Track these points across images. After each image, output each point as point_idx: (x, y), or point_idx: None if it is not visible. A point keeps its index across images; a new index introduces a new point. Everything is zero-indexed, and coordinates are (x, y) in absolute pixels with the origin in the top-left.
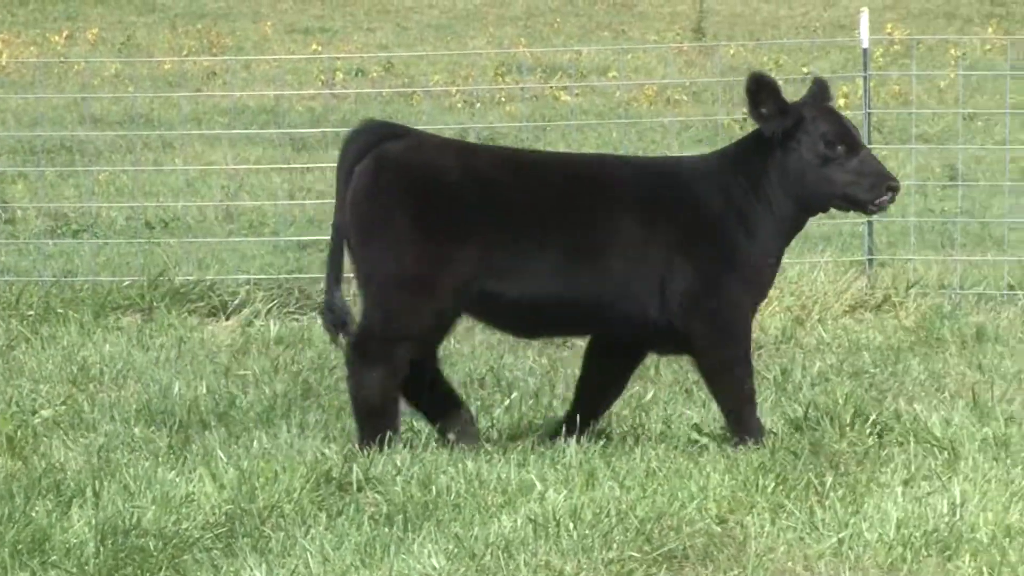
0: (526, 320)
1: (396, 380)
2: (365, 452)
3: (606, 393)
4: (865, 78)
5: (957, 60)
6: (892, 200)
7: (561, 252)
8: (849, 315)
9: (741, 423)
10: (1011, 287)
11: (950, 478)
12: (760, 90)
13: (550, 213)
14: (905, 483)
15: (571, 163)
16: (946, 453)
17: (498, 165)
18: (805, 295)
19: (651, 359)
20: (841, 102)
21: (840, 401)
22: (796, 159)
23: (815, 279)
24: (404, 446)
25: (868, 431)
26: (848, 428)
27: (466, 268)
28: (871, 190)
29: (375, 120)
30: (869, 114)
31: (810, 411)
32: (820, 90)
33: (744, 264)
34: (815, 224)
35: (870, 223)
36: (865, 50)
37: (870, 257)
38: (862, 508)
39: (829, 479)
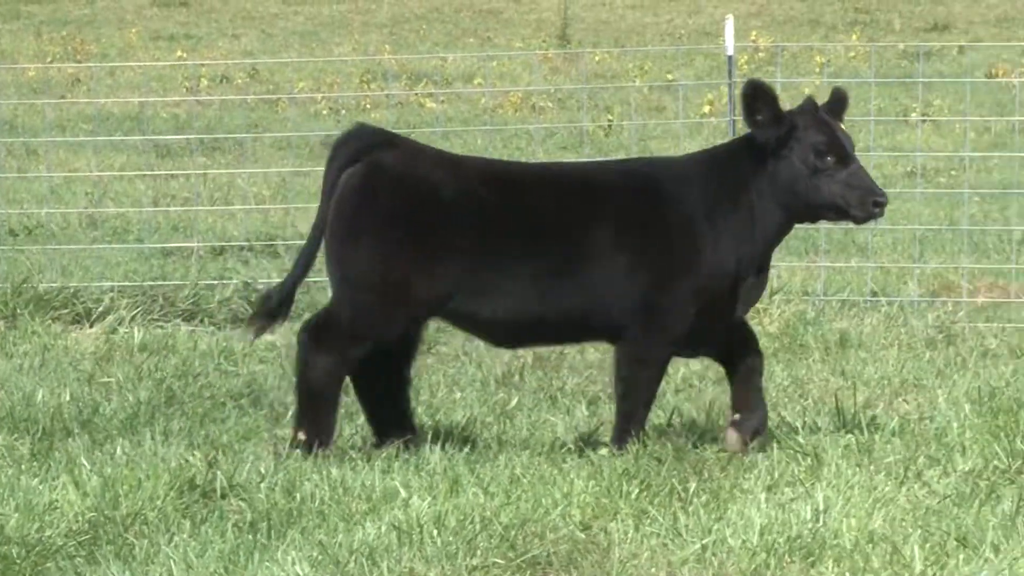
0: (506, 332)
1: (344, 372)
2: (301, 435)
3: None
4: (730, 85)
5: (822, 67)
6: (880, 214)
7: (543, 266)
8: None
9: (629, 421)
10: (874, 293)
11: (813, 484)
12: (756, 97)
13: (533, 228)
14: (768, 489)
15: (557, 174)
16: (809, 459)
17: (489, 181)
18: None
19: (514, 365)
20: (706, 109)
21: (705, 407)
22: (786, 167)
23: None
24: (268, 452)
25: None
26: (712, 434)
27: (446, 283)
28: (858, 203)
29: (367, 125)
30: (734, 121)
31: (674, 417)
32: (836, 101)
33: (702, 268)
34: None
35: None
36: (730, 57)
37: None
38: (725, 514)
39: (693, 485)
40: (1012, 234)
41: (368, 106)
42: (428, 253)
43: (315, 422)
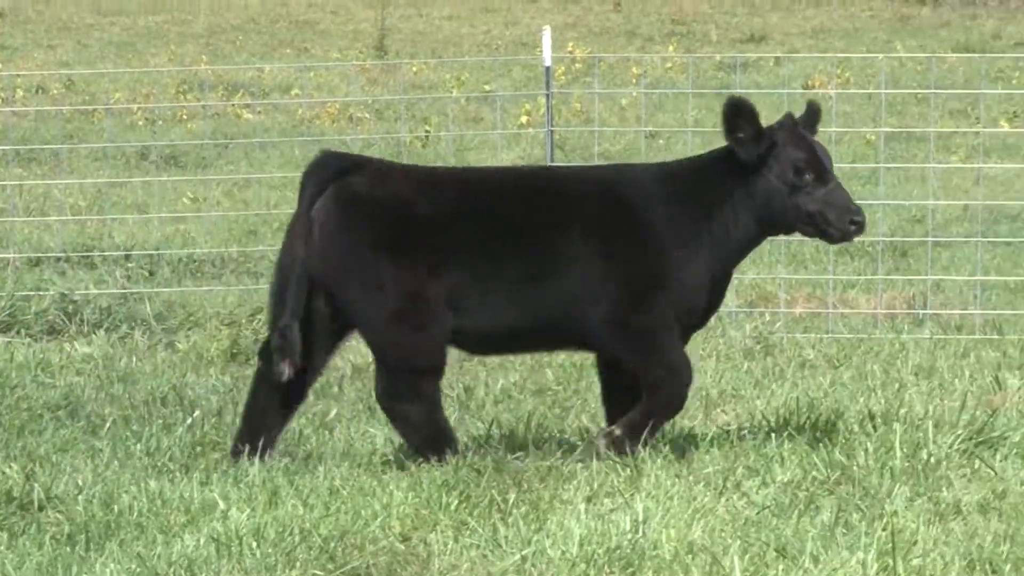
0: (486, 341)
1: (437, 408)
2: (434, 460)
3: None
4: (548, 96)
5: (638, 78)
6: (858, 233)
7: (524, 273)
8: None
9: (632, 431)
10: None
11: (633, 495)
12: (737, 114)
13: (510, 234)
14: (588, 500)
15: (524, 178)
16: (628, 470)
17: (460, 189)
18: None
19: (332, 376)
20: (524, 119)
21: (523, 418)
22: (765, 183)
23: None
24: (86, 464)
25: (551, 448)
26: (531, 445)
27: (447, 294)
28: (836, 221)
29: (331, 152)
30: (551, 132)
31: (493, 428)
32: (810, 114)
33: (677, 281)
34: None
35: None
36: (547, 68)
37: None
38: (545, 525)
39: (512, 496)
40: (829, 244)
41: (184, 117)
42: (424, 268)
43: (439, 453)
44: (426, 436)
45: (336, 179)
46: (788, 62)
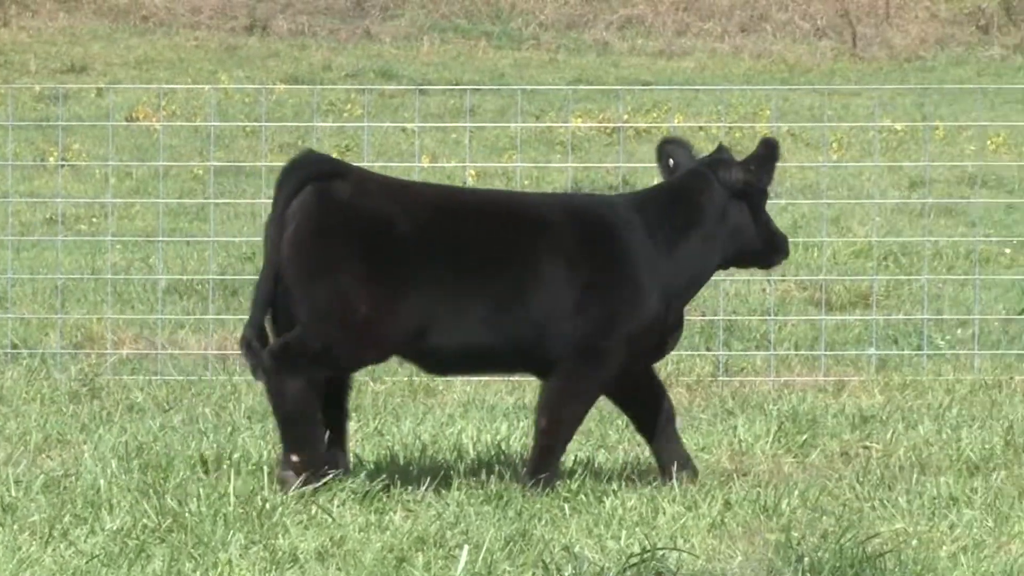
0: (445, 361)
1: (316, 391)
2: (294, 458)
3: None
4: None
5: None
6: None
7: (491, 296)
8: None
9: (549, 455)
10: (15, 345)
11: None
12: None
13: (482, 257)
14: None
15: (506, 203)
16: None
17: (440, 208)
18: None
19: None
20: None
21: None
22: (742, 213)
23: None
24: None
25: None
26: None
27: (410, 314)
28: (783, 250)
29: (313, 152)
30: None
31: None
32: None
33: (645, 309)
34: None
35: None
36: None
37: None
38: None
39: None
40: (157, 283)
41: None
42: (388, 286)
43: (302, 442)
44: (296, 414)
45: (315, 181)
46: (111, 93)
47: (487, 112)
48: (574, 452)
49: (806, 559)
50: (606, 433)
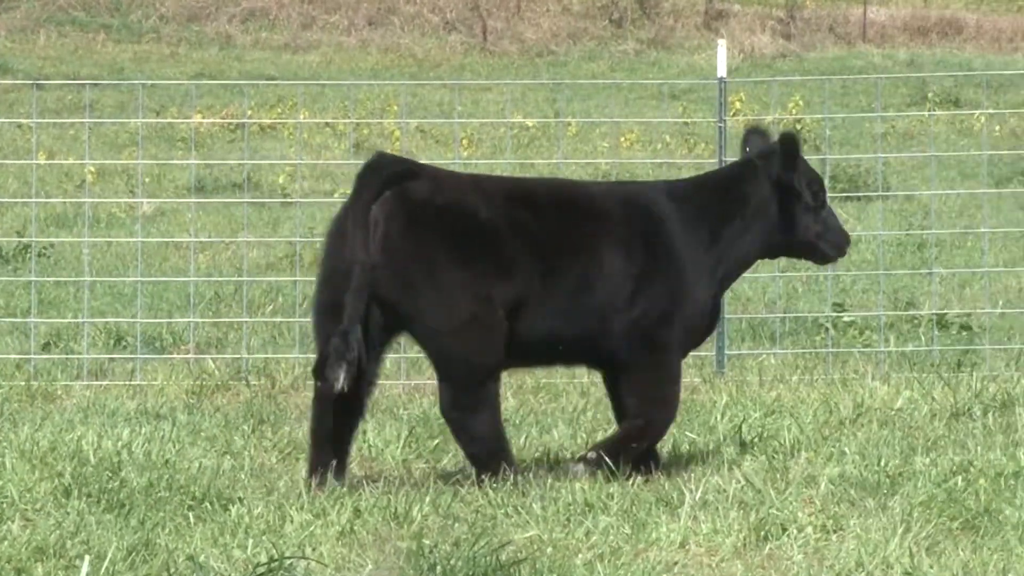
0: (532, 351)
1: (498, 414)
2: (498, 484)
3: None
4: None
5: None
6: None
7: (572, 283)
8: None
9: (611, 454)
10: None
11: None
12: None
13: (562, 245)
14: None
15: (571, 191)
16: None
17: (514, 198)
18: None
19: None
20: None
21: None
22: (791, 203)
23: None
24: None
25: None
26: None
27: (504, 299)
28: (836, 244)
29: (386, 155)
30: None
31: None
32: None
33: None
34: None
35: None
36: None
37: None
38: None
39: None
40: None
41: None
42: (490, 274)
43: (499, 467)
44: (490, 449)
45: (393, 183)
46: None
47: (106, 107)
48: (199, 459)
49: (438, 567)
50: (231, 439)
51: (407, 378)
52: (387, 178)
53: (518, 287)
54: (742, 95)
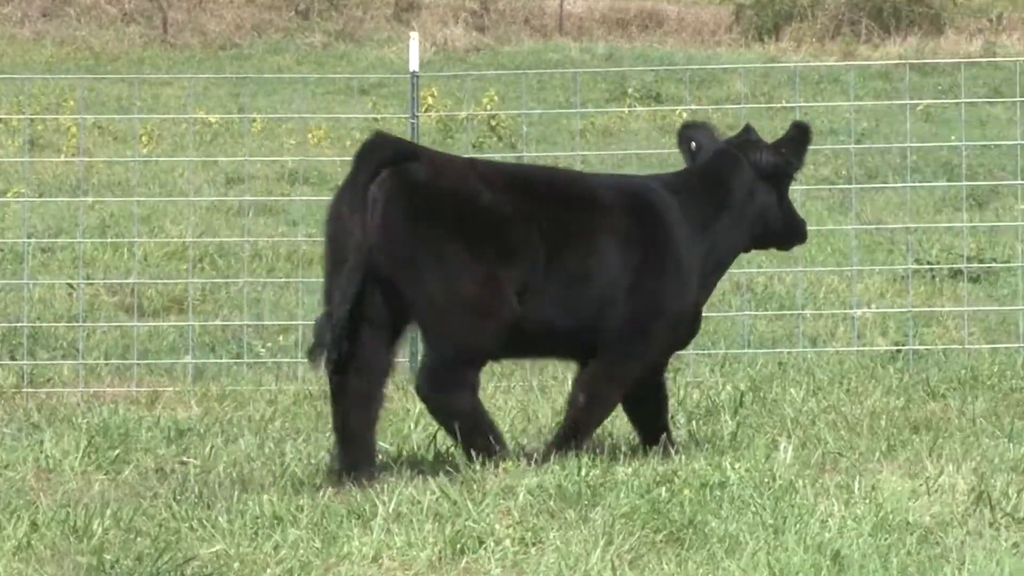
0: (526, 341)
1: (477, 395)
2: (482, 460)
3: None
4: None
5: None
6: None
7: (568, 274)
8: None
9: (575, 433)
10: None
11: None
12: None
13: (558, 232)
14: None
15: (567, 180)
16: None
17: (511, 184)
18: None
19: None
20: None
21: None
22: (770, 196)
23: None
24: None
25: None
26: None
27: (512, 285)
28: (805, 230)
29: (384, 135)
30: None
31: None
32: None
33: (690, 291)
34: None
35: None
36: None
37: None
38: None
39: None
40: None
41: None
42: (495, 254)
43: (486, 442)
44: (474, 424)
45: (391, 163)
46: None
47: None
48: None
49: None
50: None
51: (85, 385)
52: (384, 159)
53: (519, 273)
54: (435, 90)
